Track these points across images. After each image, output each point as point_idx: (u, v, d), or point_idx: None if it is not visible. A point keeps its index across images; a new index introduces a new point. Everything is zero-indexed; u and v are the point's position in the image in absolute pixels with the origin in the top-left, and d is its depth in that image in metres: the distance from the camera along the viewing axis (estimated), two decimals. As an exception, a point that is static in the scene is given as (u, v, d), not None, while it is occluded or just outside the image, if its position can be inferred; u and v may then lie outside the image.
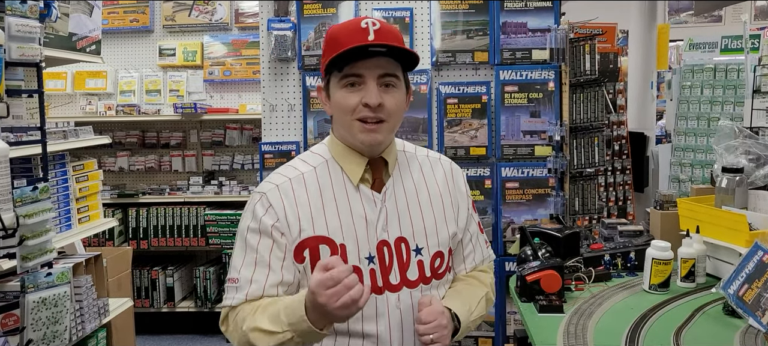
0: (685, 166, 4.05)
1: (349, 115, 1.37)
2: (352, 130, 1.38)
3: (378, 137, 1.37)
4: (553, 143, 2.95)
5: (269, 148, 3.04)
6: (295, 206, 1.39)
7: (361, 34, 1.33)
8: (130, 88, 4.71)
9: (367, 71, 1.35)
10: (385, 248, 1.41)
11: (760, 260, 1.84)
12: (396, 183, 1.45)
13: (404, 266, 1.42)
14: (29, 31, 2.24)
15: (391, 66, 1.37)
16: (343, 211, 1.40)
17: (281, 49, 3.00)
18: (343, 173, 1.43)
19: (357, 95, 1.35)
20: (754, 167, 2.34)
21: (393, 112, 1.38)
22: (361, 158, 1.42)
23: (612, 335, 1.79)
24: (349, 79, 1.36)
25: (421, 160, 1.52)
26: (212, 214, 4.42)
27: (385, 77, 1.36)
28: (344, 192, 1.41)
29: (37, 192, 2.21)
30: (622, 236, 2.53)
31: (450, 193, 1.51)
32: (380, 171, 1.44)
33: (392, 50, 1.34)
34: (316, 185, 1.41)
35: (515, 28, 2.97)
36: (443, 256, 1.47)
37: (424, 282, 1.44)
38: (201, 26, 4.64)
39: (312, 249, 1.37)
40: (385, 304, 1.40)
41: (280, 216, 1.38)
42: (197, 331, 4.59)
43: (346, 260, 1.37)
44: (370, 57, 1.34)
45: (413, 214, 1.44)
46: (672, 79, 4.40)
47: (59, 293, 2.31)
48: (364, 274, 1.39)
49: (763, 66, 2.81)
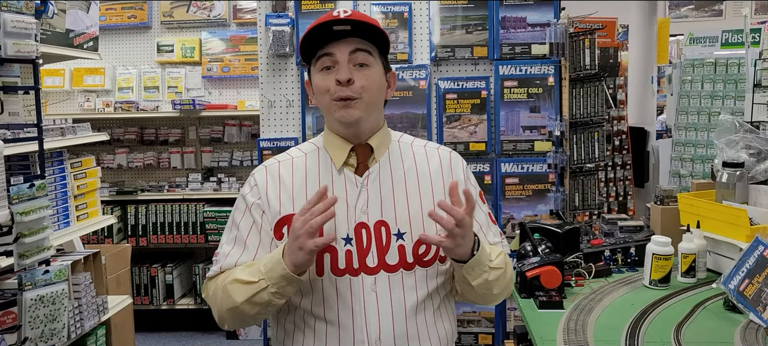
0: (685, 161, 4.04)
1: (326, 95, 1.41)
2: (331, 109, 1.42)
3: (354, 113, 1.40)
4: (552, 139, 2.94)
5: (267, 145, 3.02)
6: (278, 185, 1.46)
7: (329, 17, 1.39)
8: (128, 85, 4.69)
9: (337, 51, 1.39)
10: (364, 230, 1.42)
11: (760, 255, 1.83)
12: (383, 168, 1.47)
13: (383, 250, 1.42)
14: (25, 28, 2.22)
15: (363, 44, 1.41)
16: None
17: (279, 44, 2.98)
18: (330, 158, 1.48)
19: (331, 76, 1.40)
20: (754, 162, 2.33)
21: (367, 89, 1.41)
22: (346, 144, 1.46)
23: (612, 330, 1.78)
24: (322, 61, 1.41)
25: (415, 150, 1.53)
26: (211, 211, 4.41)
27: (356, 53, 1.40)
28: (329, 175, 1.46)
29: (33, 189, 2.19)
30: (622, 231, 2.52)
31: (443, 181, 1.49)
32: (365, 156, 1.47)
33: (357, 27, 1.38)
34: (303, 169, 1.48)
35: (514, 22, 2.96)
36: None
37: (406, 268, 1.42)
38: (199, 22, 4.62)
39: (290, 226, 1.37)
40: (360, 286, 1.40)
41: (262, 194, 1.46)
42: (197, 328, 4.58)
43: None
44: (340, 38, 1.39)
45: (398, 199, 1.45)
46: (672, 74, 4.39)
47: (57, 290, 2.30)
48: (340, 254, 1.40)
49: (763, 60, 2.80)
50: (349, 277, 1.40)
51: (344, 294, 1.40)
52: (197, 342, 4.42)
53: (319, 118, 3.01)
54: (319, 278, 1.41)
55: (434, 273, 1.46)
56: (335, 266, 1.40)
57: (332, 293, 1.40)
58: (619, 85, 3.44)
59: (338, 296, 1.40)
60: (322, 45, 1.40)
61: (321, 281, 1.41)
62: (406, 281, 1.42)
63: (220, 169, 4.64)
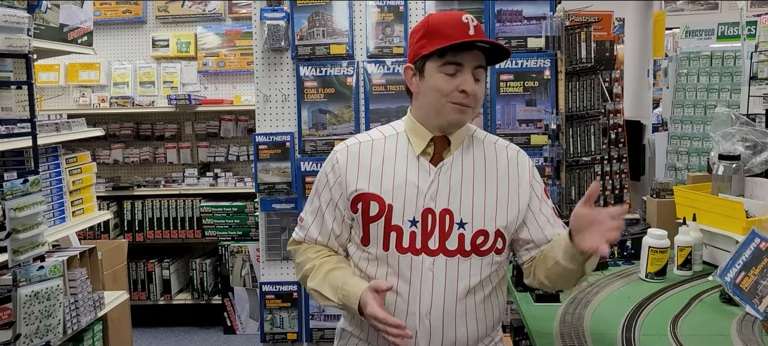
0: (681, 154, 4.04)
1: (444, 97, 1.53)
2: (444, 110, 1.54)
3: (466, 118, 1.57)
4: (549, 132, 2.93)
5: (263, 139, 3.02)
6: (357, 165, 1.60)
7: (464, 28, 1.51)
8: (123, 80, 4.68)
9: (466, 62, 1.52)
10: (430, 216, 1.55)
11: (756, 248, 1.84)
12: (455, 161, 1.59)
13: (445, 236, 1.54)
14: (17, 22, 2.21)
15: (483, 60, 1.55)
16: (398, 176, 1.57)
17: (274, 39, 2.97)
18: (409, 144, 1.60)
19: (454, 81, 1.52)
20: (750, 154, 2.33)
21: (479, 101, 1.56)
22: (427, 133, 1.58)
23: (609, 323, 1.78)
24: (448, 67, 1.52)
25: (486, 146, 1.64)
26: (208, 206, 4.40)
27: (478, 69, 1.54)
28: (405, 161, 1.59)
29: (27, 185, 2.19)
30: (618, 224, 2.51)
31: (509, 179, 1.61)
32: (442, 147, 1.59)
33: (493, 47, 1.52)
34: (382, 151, 1.61)
35: (510, 15, 2.95)
36: (488, 235, 1.56)
37: (463, 254, 1.55)
38: (194, 17, 4.60)
39: (364, 203, 1.57)
40: (419, 264, 1.54)
41: (341, 172, 1.61)
42: (194, 323, 4.58)
43: (391, 218, 1.55)
44: (470, 49, 1.51)
45: (464, 191, 1.57)
46: (668, 67, 4.39)
47: (52, 286, 2.29)
48: (405, 234, 1.55)
49: (759, 53, 2.80)
50: (410, 255, 1.54)
51: (404, 269, 1.55)
52: (195, 337, 4.42)
53: (314, 113, 3.00)
54: (384, 253, 1.57)
55: (489, 262, 1.58)
56: (400, 244, 1.55)
57: (394, 266, 1.55)
58: (615, 78, 3.43)
59: (399, 269, 1.55)
60: (453, 51, 1.51)
61: (387, 255, 1.56)
62: (462, 266, 1.55)
63: (216, 165, 4.63)
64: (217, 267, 4.46)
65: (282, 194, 3.05)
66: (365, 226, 1.58)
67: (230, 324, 4.41)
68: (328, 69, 3.00)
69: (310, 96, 3.00)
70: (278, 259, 3.12)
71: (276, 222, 3.08)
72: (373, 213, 1.56)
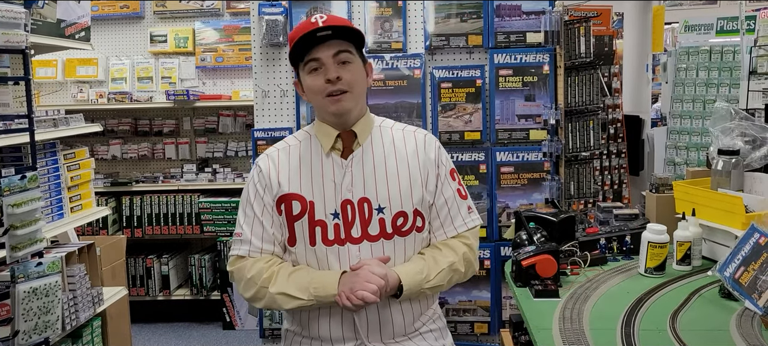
0: (680, 149, 4.04)
1: (320, 96, 1.64)
2: (325, 107, 1.65)
3: (345, 105, 1.64)
4: (548, 127, 2.93)
5: (262, 135, 3.01)
6: (277, 169, 1.71)
7: (311, 26, 1.60)
8: (121, 76, 4.66)
9: (322, 54, 1.61)
10: (349, 206, 1.66)
11: (756, 243, 1.83)
12: (365, 151, 1.69)
13: (365, 223, 1.65)
14: (13, 17, 2.20)
15: (343, 45, 1.62)
16: (315, 174, 1.68)
17: (273, 34, 2.96)
18: (320, 144, 1.71)
19: (321, 77, 1.62)
20: (750, 149, 2.33)
21: (353, 83, 1.64)
22: (333, 130, 1.69)
23: (608, 319, 1.78)
24: (310, 65, 1.63)
25: (394, 133, 1.75)
26: (206, 201, 4.39)
27: (339, 55, 1.62)
28: (319, 159, 1.69)
29: (25, 181, 2.18)
30: (617, 219, 2.52)
31: (419, 160, 1.71)
32: (350, 141, 1.70)
33: (337, 31, 1.61)
34: (298, 154, 1.72)
35: (509, 10, 2.94)
36: (407, 216, 1.67)
37: (386, 237, 1.66)
38: (192, 12, 4.58)
39: (287, 203, 1.67)
40: (346, 254, 1.65)
41: (265, 179, 1.70)
42: (193, 319, 4.58)
43: (314, 214, 1.65)
44: (323, 42, 1.60)
45: (378, 177, 1.67)
46: (667, 62, 4.38)
47: (50, 282, 2.28)
48: (329, 227, 1.65)
49: (758, 47, 2.80)
50: (337, 246, 1.65)
51: (332, 261, 1.66)
52: (194, 333, 4.42)
53: (312, 108, 2.99)
54: (312, 248, 1.66)
55: (412, 241, 1.70)
56: (325, 237, 1.65)
57: (323, 260, 1.66)
58: (614, 73, 3.43)
59: (329, 264, 1.66)
60: (308, 50, 1.62)
61: (314, 250, 1.66)
62: (386, 248, 1.66)
63: (214, 160, 4.62)
64: (216, 263, 4.46)
65: (281, 190, 3.04)
66: (290, 225, 1.68)
67: (229, 319, 4.42)
68: (326, 64, 2.99)
69: (309, 91, 2.99)
70: (277, 254, 3.11)
71: (275, 218, 3.07)
72: (296, 212, 1.66)
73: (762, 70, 2.76)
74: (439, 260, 1.70)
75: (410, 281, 1.64)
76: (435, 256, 1.71)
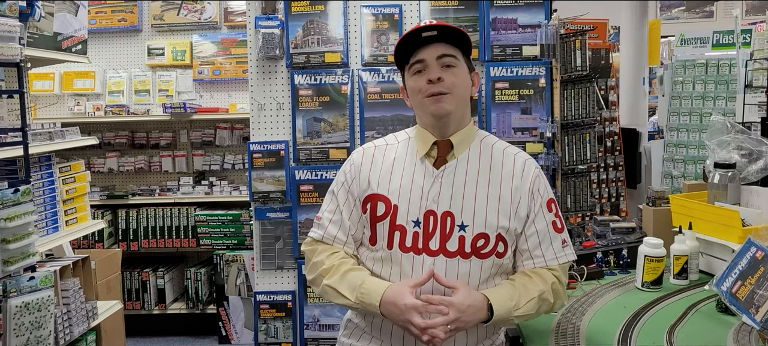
0: (677, 162, 4.04)
1: (420, 96, 1.62)
2: (425, 107, 1.63)
3: (445, 106, 1.60)
4: (544, 140, 2.93)
5: (258, 148, 3.00)
6: (370, 167, 1.70)
7: (417, 29, 1.60)
8: (118, 89, 4.66)
9: (427, 56, 1.61)
10: (431, 217, 1.61)
11: (753, 257, 1.83)
12: (459, 164, 1.65)
13: (445, 237, 1.60)
14: (8, 30, 2.20)
15: (448, 49, 1.61)
16: (405, 178, 1.65)
17: (269, 47, 2.96)
18: (416, 149, 1.68)
19: (423, 77, 1.61)
20: (746, 163, 2.33)
21: (455, 85, 1.60)
22: (430, 137, 1.66)
23: (604, 333, 1.77)
24: (415, 67, 1.63)
25: (494, 151, 1.69)
26: (203, 214, 4.38)
27: (443, 58, 1.61)
28: (412, 164, 1.67)
29: (18, 195, 2.17)
30: (614, 233, 2.51)
31: (513, 185, 1.64)
32: (445, 151, 1.66)
33: (443, 32, 1.59)
34: (393, 155, 1.70)
35: (505, 24, 2.94)
36: (488, 239, 1.60)
37: (463, 256, 1.60)
38: (190, 25, 4.59)
39: (372, 203, 1.66)
40: (421, 263, 1.60)
41: (356, 172, 1.70)
42: (189, 333, 4.55)
43: (396, 218, 1.62)
44: (428, 44, 1.60)
45: (467, 194, 1.62)
46: (664, 75, 4.39)
47: (42, 297, 2.27)
48: (408, 234, 1.61)
49: (754, 61, 2.80)
50: (412, 254, 1.61)
51: (406, 268, 1.61)
52: (189, 347, 4.39)
53: (309, 121, 2.99)
54: (389, 251, 1.63)
55: (490, 265, 1.62)
56: (403, 243, 1.62)
57: (397, 264, 1.62)
58: (610, 86, 3.43)
59: (401, 268, 1.62)
60: (413, 51, 1.62)
61: (390, 253, 1.63)
62: (461, 267, 1.60)
63: (211, 173, 4.61)
64: (212, 276, 4.43)
65: (276, 203, 3.03)
66: (372, 225, 1.65)
67: (225, 333, 4.39)
68: (322, 77, 2.99)
69: (305, 104, 2.99)
70: (273, 268, 3.09)
71: (270, 231, 3.06)
72: (380, 213, 1.64)
73: (758, 84, 2.77)
74: (529, 288, 1.61)
75: (501, 307, 1.56)
76: (525, 283, 1.62)
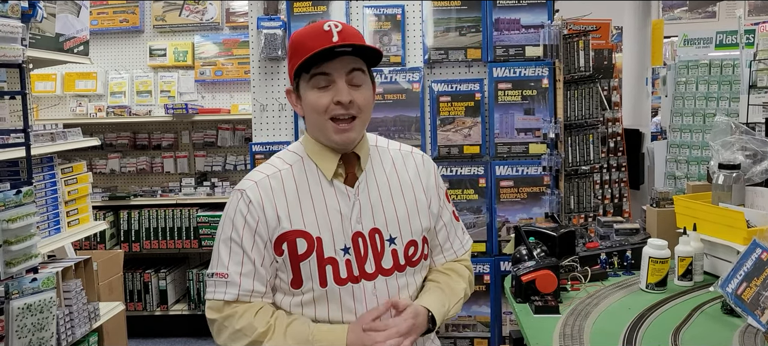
0: (680, 163, 4.03)
1: (322, 115, 1.44)
2: (326, 130, 1.45)
3: (351, 135, 1.45)
4: (547, 141, 2.92)
5: (260, 149, 2.99)
6: (273, 201, 1.46)
7: (325, 36, 1.39)
8: (120, 90, 4.66)
9: (334, 71, 1.42)
10: (360, 239, 1.49)
11: (758, 258, 1.81)
12: (368, 177, 1.53)
13: (379, 256, 1.50)
14: (10, 32, 2.19)
15: (357, 63, 1.44)
16: (318, 205, 1.47)
17: (271, 47, 2.95)
18: (318, 169, 1.50)
19: (328, 95, 1.42)
20: (750, 163, 2.31)
21: (363, 108, 1.46)
22: (334, 154, 1.49)
23: (609, 335, 1.76)
24: (318, 80, 1.43)
25: (393, 154, 1.60)
26: (205, 215, 4.37)
27: (352, 73, 1.43)
28: (319, 187, 1.49)
29: (20, 196, 2.16)
30: (618, 234, 2.50)
31: (422, 184, 1.59)
32: (353, 166, 1.52)
33: (357, 49, 1.41)
34: (293, 182, 1.49)
35: (508, 24, 2.94)
36: (417, 244, 1.55)
37: (399, 270, 1.52)
38: (192, 26, 4.59)
39: (290, 242, 1.45)
40: (362, 292, 1.48)
41: (259, 213, 1.45)
42: (191, 334, 4.54)
43: (323, 252, 1.45)
44: (337, 57, 1.41)
45: (386, 205, 1.52)
46: (667, 76, 4.38)
47: (45, 298, 2.26)
48: (340, 264, 1.46)
49: (758, 61, 2.79)
50: (351, 285, 1.47)
51: (347, 301, 1.47)
52: (191, 348, 4.38)
53: (312, 122, 2.99)
54: (323, 289, 1.46)
55: (420, 269, 1.58)
56: (337, 276, 1.46)
57: (336, 301, 1.47)
58: (613, 86, 3.42)
59: (342, 303, 1.47)
60: (318, 61, 1.40)
61: (325, 291, 1.46)
62: (400, 280, 1.53)
63: (213, 174, 4.60)
64: (214, 277, 4.42)
65: (279, 204, 3.03)
66: (295, 266, 1.45)
67: None
68: (325, 78, 2.98)
69: (307, 105, 2.98)
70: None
71: (273, 232, 3.05)
72: (302, 251, 1.44)
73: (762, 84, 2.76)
74: (455, 290, 1.62)
75: (438, 314, 1.53)
76: (450, 285, 1.62)
